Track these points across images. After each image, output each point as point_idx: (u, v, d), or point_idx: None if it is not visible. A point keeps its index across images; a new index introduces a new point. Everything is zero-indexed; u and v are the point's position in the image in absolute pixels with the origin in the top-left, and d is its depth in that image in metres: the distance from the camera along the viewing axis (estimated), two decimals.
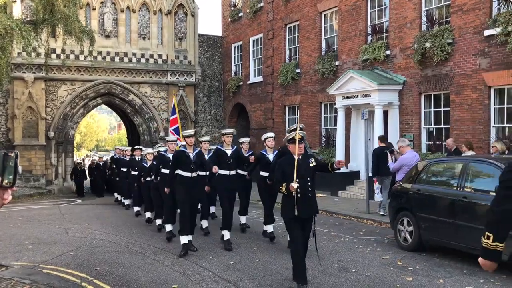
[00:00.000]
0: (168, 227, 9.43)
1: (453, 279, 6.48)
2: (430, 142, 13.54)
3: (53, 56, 21.49)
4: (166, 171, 9.38)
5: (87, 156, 58.20)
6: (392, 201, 8.86)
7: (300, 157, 6.10)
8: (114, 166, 18.20)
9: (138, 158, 13.60)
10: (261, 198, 9.44)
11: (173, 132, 17.46)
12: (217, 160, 8.99)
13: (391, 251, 8.16)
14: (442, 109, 13.09)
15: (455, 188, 7.39)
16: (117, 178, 17.12)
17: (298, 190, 5.87)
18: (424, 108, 13.62)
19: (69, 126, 22.51)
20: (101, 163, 23.65)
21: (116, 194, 17.73)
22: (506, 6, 11.10)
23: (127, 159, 15.34)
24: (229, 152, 9.12)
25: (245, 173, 9.78)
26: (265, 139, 9.24)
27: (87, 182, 24.09)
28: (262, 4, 21.14)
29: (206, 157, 9.38)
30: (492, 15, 11.51)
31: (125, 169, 15.02)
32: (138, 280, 6.66)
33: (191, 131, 8.56)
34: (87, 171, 25.21)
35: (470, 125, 11.93)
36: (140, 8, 23.19)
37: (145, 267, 7.36)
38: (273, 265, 7.30)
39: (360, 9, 15.64)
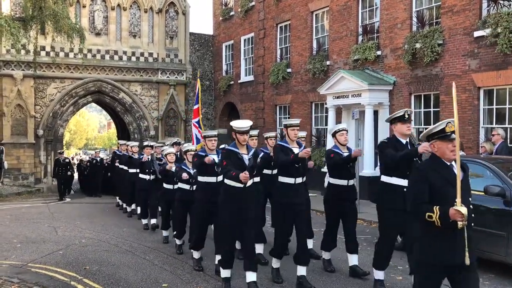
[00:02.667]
0: (196, 254, 7.34)
1: None
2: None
3: (43, 53, 21.31)
4: (207, 179, 7.01)
5: (76, 154, 57.81)
6: None
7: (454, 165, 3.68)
8: (118, 164, 14.88)
9: (148, 158, 11.09)
10: (328, 218, 6.98)
11: (196, 125, 14.20)
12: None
13: None
14: (432, 109, 13.17)
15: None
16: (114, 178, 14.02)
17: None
18: (414, 108, 13.68)
19: (58, 124, 22.34)
20: (97, 159, 20.93)
21: (118, 199, 15.12)
22: (495, 7, 11.20)
23: (135, 158, 12.53)
24: (296, 151, 6.31)
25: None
26: (337, 132, 6.82)
27: (74, 182, 23.53)
28: (253, 3, 21.13)
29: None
30: (481, 16, 11.60)
31: (132, 170, 12.30)
32: (128, 279, 6.64)
33: (246, 124, 6.08)
34: (75, 170, 23.67)
35: (460, 125, 11.90)
36: (130, 6, 23.07)
37: (135, 266, 7.33)
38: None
39: (351, 9, 15.70)
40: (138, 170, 11.56)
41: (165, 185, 9.30)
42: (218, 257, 6.71)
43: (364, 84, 13.88)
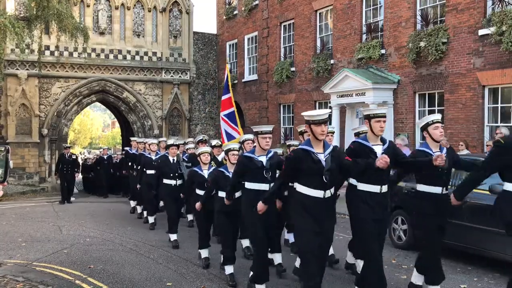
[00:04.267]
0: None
1: (447, 278, 6.49)
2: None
3: (47, 53, 21.36)
4: (257, 186, 5.69)
5: (80, 153, 57.89)
6: None
7: None
8: (131, 164, 13.09)
9: (173, 160, 9.02)
10: (423, 237, 5.64)
11: (225, 119, 11.63)
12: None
13: (386, 249, 8.12)
14: (436, 108, 13.13)
15: (449, 187, 7.41)
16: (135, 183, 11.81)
17: None
18: (419, 107, 13.66)
19: (62, 123, 22.40)
20: (105, 157, 19.76)
21: (133, 203, 13.24)
22: (500, 5, 11.15)
23: (152, 158, 10.77)
24: (379, 150, 5.01)
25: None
26: (429, 124, 5.48)
27: (78, 181, 23.27)
28: (257, 2, 21.11)
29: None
30: (486, 14, 11.56)
31: (151, 172, 10.52)
32: (132, 278, 6.65)
33: (322, 112, 4.60)
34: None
35: (464, 124, 11.99)
36: (134, 5, 23.10)
37: (139, 265, 7.34)
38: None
39: (355, 8, 15.66)
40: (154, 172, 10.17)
41: (198, 192, 7.49)
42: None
43: (368, 83, 13.85)
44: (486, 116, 11.62)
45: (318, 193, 4.59)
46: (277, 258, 6.66)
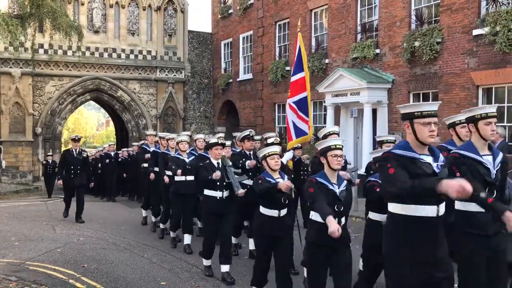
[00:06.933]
0: None
1: None
2: None
3: (41, 51, 21.28)
4: (413, 209, 3.26)
5: None
6: None
7: None
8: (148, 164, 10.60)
9: (218, 164, 6.63)
10: None
11: (294, 107, 8.26)
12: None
13: None
14: None
15: None
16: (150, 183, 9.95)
17: None
18: None
19: (56, 122, 22.33)
20: (112, 153, 17.22)
21: (145, 213, 10.96)
22: (494, 6, 11.20)
23: (186, 160, 8.31)
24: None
25: None
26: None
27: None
28: (252, 1, 21.10)
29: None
30: (480, 15, 11.61)
31: (181, 178, 8.25)
32: (126, 277, 6.63)
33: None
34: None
35: None
36: (129, 3, 23.05)
37: (133, 264, 7.32)
38: None
39: (350, 8, 15.68)
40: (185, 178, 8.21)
41: (264, 210, 5.27)
42: None
43: (363, 83, 13.87)
44: None
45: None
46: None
